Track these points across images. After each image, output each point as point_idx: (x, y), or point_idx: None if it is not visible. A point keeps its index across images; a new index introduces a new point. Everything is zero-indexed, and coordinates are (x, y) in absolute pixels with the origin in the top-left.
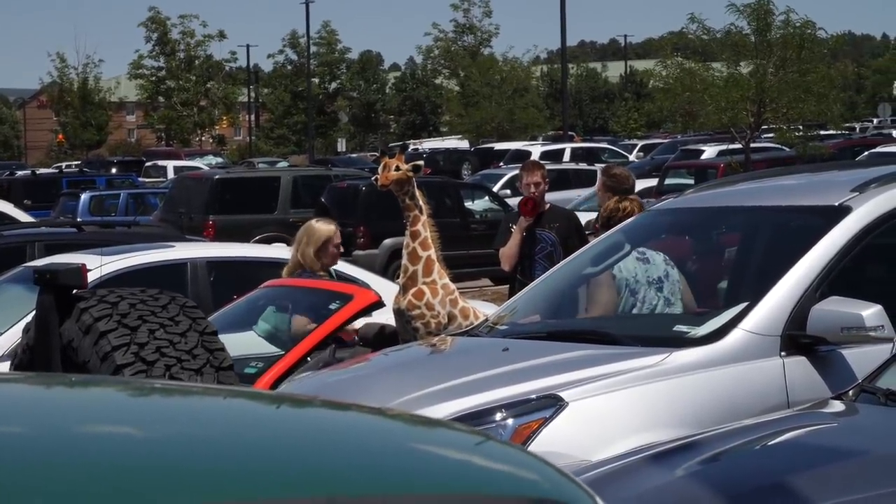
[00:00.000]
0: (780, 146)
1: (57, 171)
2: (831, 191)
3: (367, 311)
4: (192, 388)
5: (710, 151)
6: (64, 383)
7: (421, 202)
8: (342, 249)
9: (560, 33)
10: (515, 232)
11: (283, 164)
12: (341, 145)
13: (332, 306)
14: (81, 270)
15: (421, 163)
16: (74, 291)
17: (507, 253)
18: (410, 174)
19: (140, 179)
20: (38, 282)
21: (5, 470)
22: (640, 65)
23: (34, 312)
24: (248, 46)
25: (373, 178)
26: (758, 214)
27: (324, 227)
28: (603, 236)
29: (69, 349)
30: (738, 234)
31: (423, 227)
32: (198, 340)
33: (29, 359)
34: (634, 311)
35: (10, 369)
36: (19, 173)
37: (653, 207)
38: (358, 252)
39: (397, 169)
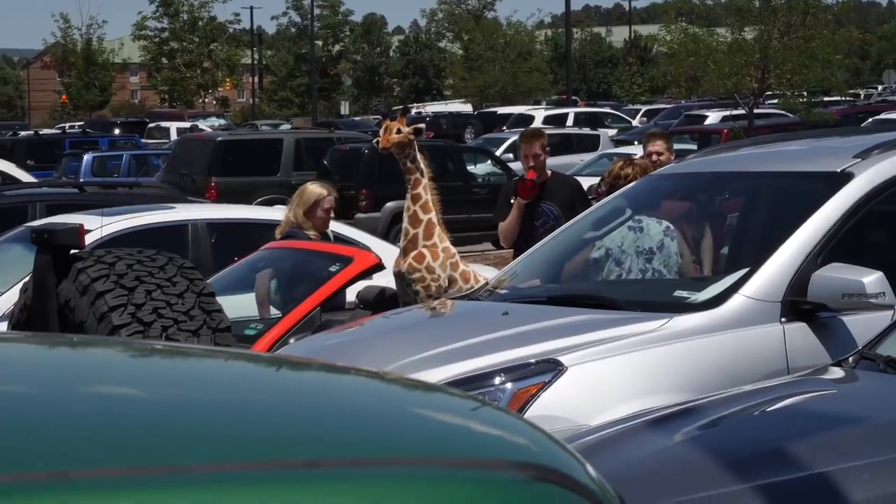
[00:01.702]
0: (784, 112)
1: (60, 131)
2: (834, 157)
3: (366, 273)
4: (172, 349)
5: (713, 117)
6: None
7: (422, 165)
8: (332, 214)
9: None
10: (514, 208)
11: (286, 126)
12: (344, 108)
13: (332, 268)
14: (79, 230)
15: (422, 126)
16: (72, 252)
17: (506, 229)
18: (412, 137)
19: (143, 141)
20: (35, 242)
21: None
22: (645, 30)
23: (32, 272)
24: (251, 8)
25: (374, 141)
26: (760, 180)
27: (315, 189)
28: (604, 200)
29: (66, 309)
30: (739, 200)
31: (424, 190)
32: (195, 301)
33: (26, 318)
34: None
35: (7, 329)
36: (22, 134)
37: (654, 172)
38: (360, 215)
39: (398, 132)
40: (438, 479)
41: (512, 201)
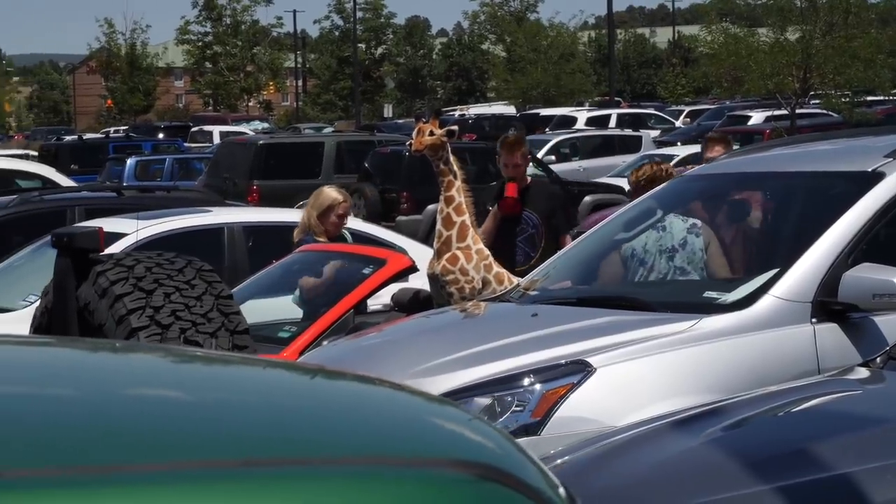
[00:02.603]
0: (828, 112)
1: (103, 136)
2: (865, 156)
3: (400, 275)
4: (118, 347)
5: (757, 117)
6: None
7: (455, 167)
8: (346, 221)
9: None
10: (491, 216)
11: (328, 129)
12: (388, 111)
13: (366, 271)
14: (98, 234)
15: (455, 128)
16: (91, 255)
17: (485, 231)
18: (444, 139)
19: (186, 144)
20: (55, 245)
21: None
22: (688, 30)
23: (52, 276)
24: (294, 12)
25: (406, 144)
26: (790, 180)
27: (331, 194)
28: (635, 202)
29: (86, 312)
30: (770, 200)
31: (458, 192)
32: (213, 304)
33: (47, 322)
34: (642, 280)
35: (29, 331)
36: (66, 138)
37: (686, 173)
38: (401, 218)
39: (431, 134)
40: (377, 477)
41: (489, 208)
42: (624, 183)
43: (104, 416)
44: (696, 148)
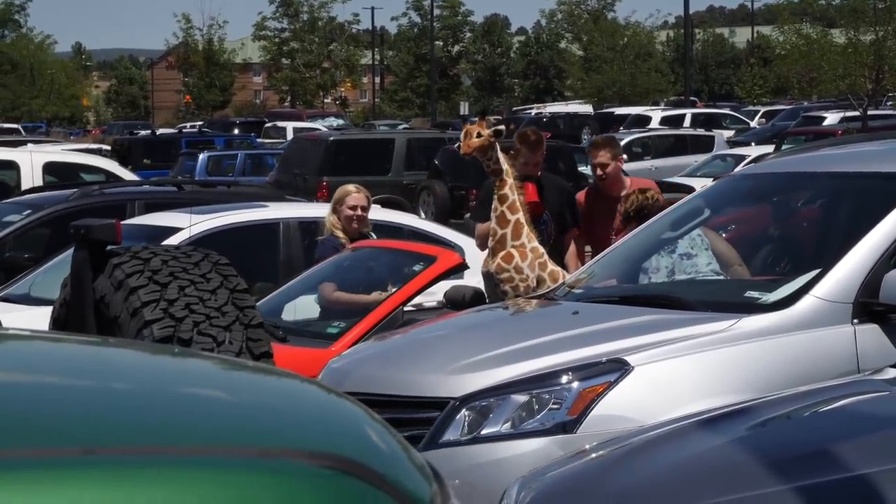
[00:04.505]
0: None
1: (177, 131)
2: None
3: (450, 272)
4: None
5: (831, 118)
6: None
7: (506, 165)
8: (361, 213)
9: None
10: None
11: (402, 126)
12: (464, 108)
13: (416, 268)
14: (115, 227)
15: (502, 128)
16: (108, 247)
17: (484, 233)
18: (492, 140)
19: (259, 140)
20: (73, 237)
21: None
22: (767, 30)
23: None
24: (372, 9)
25: (455, 146)
26: (835, 180)
27: (344, 187)
28: (682, 201)
29: (101, 304)
30: (814, 200)
31: (511, 190)
32: (228, 297)
33: (66, 314)
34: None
35: (49, 323)
36: (140, 133)
37: (733, 172)
38: (469, 215)
39: (479, 136)
40: (221, 466)
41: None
42: (694, 182)
43: None
44: (769, 148)
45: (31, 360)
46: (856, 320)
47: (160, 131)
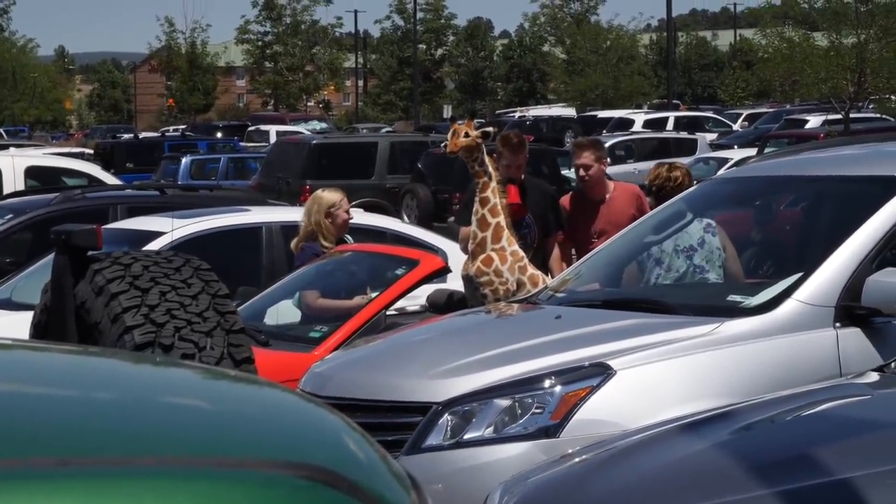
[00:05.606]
0: (885, 116)
1: (159, 135)
2: (891, 161)
3: (433, 276)
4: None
5: (814, 121)
6: None
7: (490, 169)
8: (352, 216)
9: (666, 1)
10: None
11: (385, 130)
12: (447, 112)
13: (399, 271)
14: (96, 232)
15: (490, 129)
16: (89, 253)
17: (468, 236)
18: (479, 141)
19: (242, 144)
20: (53, 243)
21: None
22: (750, 33)
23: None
24: (355, 12)
25: (441, 145)
26: (817, 184)
27: (330, 194)
28: (665, 205)
29: (82, 310)
30: (796, 204)
31: (493, 193)
32: (209, 303)
33: (46, 319)
34: (660, 280)
35: (30, 329)
36: (123, 137)
37: (715, 176)
38: (453, 219)
39: (466, 135)
40: (195, 477)
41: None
42: None
43: None
44: (752, 151)
45: (8, 369)
46: (838, 324)
47: (143, 135)
